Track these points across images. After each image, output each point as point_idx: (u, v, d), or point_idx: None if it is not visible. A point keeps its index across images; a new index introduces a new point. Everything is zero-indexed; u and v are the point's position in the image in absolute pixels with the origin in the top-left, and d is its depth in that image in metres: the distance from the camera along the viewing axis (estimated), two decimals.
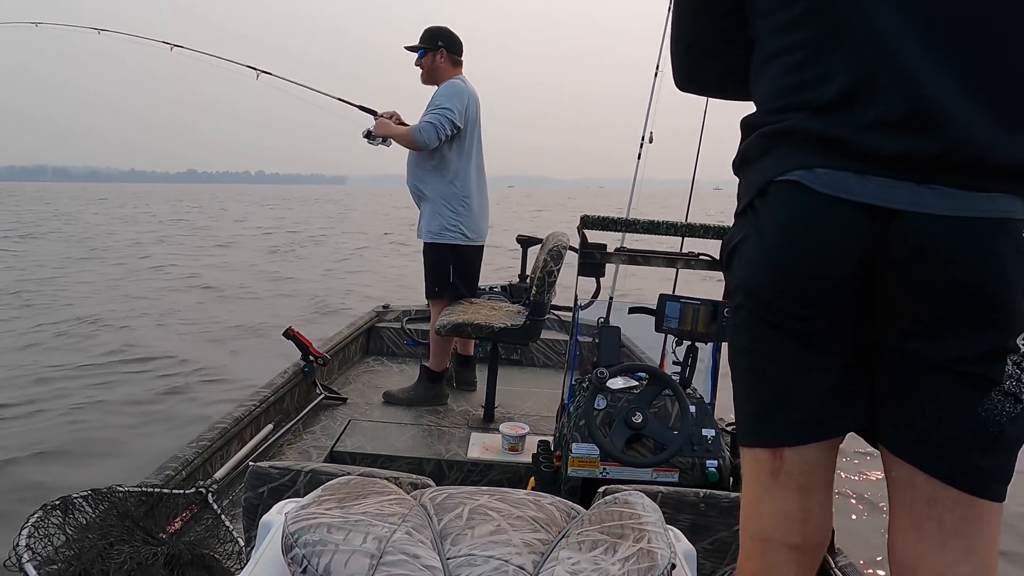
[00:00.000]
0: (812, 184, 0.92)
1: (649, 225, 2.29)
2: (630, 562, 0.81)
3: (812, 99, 0.93)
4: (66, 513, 1.70)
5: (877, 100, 0.89)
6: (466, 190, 3.26)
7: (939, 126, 0.86)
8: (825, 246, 0.93)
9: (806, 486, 1.00)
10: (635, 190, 3.82)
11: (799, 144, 0.94)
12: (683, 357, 2.24)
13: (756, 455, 1.03)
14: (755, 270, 0.98)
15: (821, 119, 0.92)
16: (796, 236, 0.94)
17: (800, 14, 0.95)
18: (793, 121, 0.94)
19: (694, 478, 1.99)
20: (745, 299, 1.00)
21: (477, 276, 3.47)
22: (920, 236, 0.88)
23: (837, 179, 0.91)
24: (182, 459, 2.23)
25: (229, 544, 1.87)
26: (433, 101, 3.21)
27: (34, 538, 1.58)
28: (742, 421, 1.05)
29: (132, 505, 1.85)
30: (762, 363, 1.01)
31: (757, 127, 0.99)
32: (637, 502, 0.96)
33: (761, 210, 0.98)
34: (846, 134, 0.90)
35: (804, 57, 0.94)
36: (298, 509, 0.87)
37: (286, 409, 3.06)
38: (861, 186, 0.90)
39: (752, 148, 1.00)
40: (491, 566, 0.81)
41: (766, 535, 1.03)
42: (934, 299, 0.89)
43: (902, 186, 0.88)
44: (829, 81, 0.91)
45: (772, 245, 0.96)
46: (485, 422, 3.11)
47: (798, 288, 0.95)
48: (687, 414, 2.01)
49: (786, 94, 0.96)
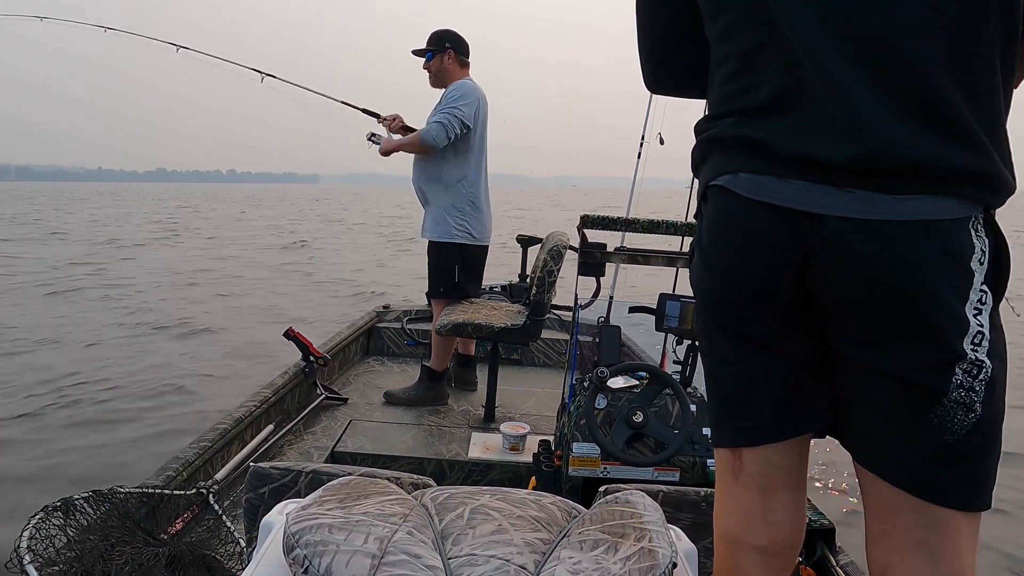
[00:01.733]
0: (736, 188, 0.94)
1: (649, 224, 2.29)
2: (631, 561, 0.81)
3: (742, 106, 0.94)
4: (67, 515, 1.71)
5: (799, 105, 0.89)
6: (474, 190, 3.27)
7: (858, 129, 0.85)
8: (752, 250, 0.94)
9: (767, 486, 1.01)
10: (634, 190, 3.82)
11: (727, 149, 0.96)
12: (683, 356, 2.24)
13: (721, 455, 1.05)
14: (701, 274, 1.01)
15: (748, 125, 0.93)
16: (726, 240, 0.96)
17: (731, 24, 0.97)
18: (723, 127, 0.96)
19: (695, 477, 1.99)
20: (699, 302, 1.03)
21: (482, 276, 3.48)
22: (840, 241, 0.87)
23: (758, 182, 0.92)
24: (183, 460, 2.23)
25: (230, 545, 1.87)
26: (443, 101, 3.21)
27: (35, 540, 1.59)
28: (710, 420, 1.09)
29: (133, 506, 1.85)
30: (718, 365, 1.03)
31: (698, 133, 1.02)
32: (638, 501, 0.96)
33: (704, 215, 1.01)
34: (768, 137, 0.91)
35: (737, 65, 0.96)
36: (299, 510, 0.87)
37: (287, 410, 3.06)
38: (781, 189, 0.90)
39: (696, 154, 1.03)
40: (492, 566, 0.81)
41: (732, 536, 1.04)
42: (864, 307, 0.88)
43: (820, 189, 0.87)
44: (758, 88, 0.92)
45: (709, 249, 0.99)
46: (486, 422, 3.11)
47: (736, 292, 0.96)
48: (688, 413, 2.01)
49: (723, 101, 0.98)
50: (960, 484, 0.88)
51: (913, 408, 0.88)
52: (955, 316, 0.84)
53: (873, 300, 0.87)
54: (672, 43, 1.14)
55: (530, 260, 4.00)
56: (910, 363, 0.86)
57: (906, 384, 0.87)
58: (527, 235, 4.59)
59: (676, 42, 1.13)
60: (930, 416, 0.87)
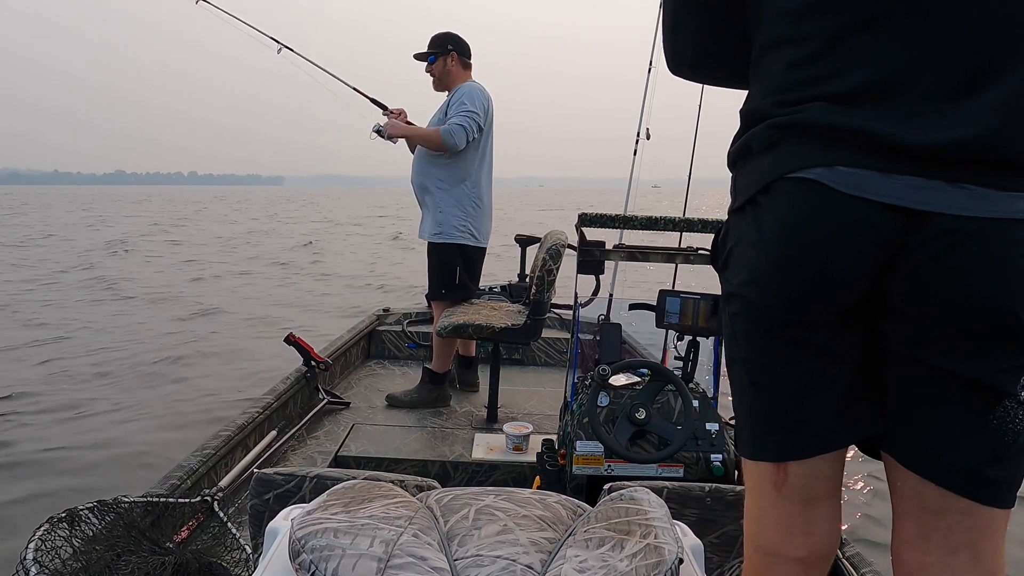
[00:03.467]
0: (832, 183, 0.85)
1: (647, 221, 2.29)
2: (638, 558, 0.81)
3: (833, 91, 0.85)
4: (72, 525, 1.70)
5: (905, 92, 0.83)
6: (478, 191, 3.27)
7: (975, 119, 0.81)
8: (843, 250, 0.86)
9: (810, 498, 0.96)
10: (631, 188, 3.82)
11: (816, 138, 0.86)
12: (685, 352, 2.24)
13: (759, 468, 0.98)
14: (758, 276, 0.91)
15: (843, 111, 0.85)
16: (809, 238, 0.87)
17: (816, 1, 0.87)
18: (809, 113, 0.86)
19: (699, 472, 1.99)
20: (744, 307, 0.93)
21: (479, 278, 3.47)
22: (949, 240, 0.82)
23: (860, 178, 0.84)
24: (187, 468, 2.23)
25: (236, 552, 1.87)
26: (456, 104, 3.18)
27: (41, 551, 1.58)
28: (743, 433, 1.00)
29: (138, 515, 1.85)
30: (764, 376, 0.94)
31: (764, 118, 0.91)
32: (643, 498, 0.96)
33: (766, 208, 0.90)
34: (872, 127, 0.83)
35: (822, 46, 0.87)
36: (304, 515, 0.87)
37: (289, 415, 3.06)
38: (887, 186, 0.83)
39: (756, 140, 0.92)
40: (499, 566, 0.81)
41: (771, 549, 0.99)
42: (950, 307, 0.84)
43: (931, 185, 0.82)
44: (852, 70, 0.84)
45: (779, 248, 0.89)
46: (488, 422, 3.11)
47: (806, 296, 0.88)
48: (690, 409, 2.01)
49: (801, 84, 0.88)
50: (1008, 483, 0.89)
51: (975, 410, 0.86)
52: None
53: (964, 301, 0.83)
54: (721, 16, 1.01)
55: (529, 260, 4.00)
56: (986, 365, 0.85)
57: (974, 385, 0.86)
58: (525, 235, 4.59)
59: (725, 15, 1.01)
60: (990, 418, 0.86)
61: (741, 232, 0.94)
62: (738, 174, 0.97)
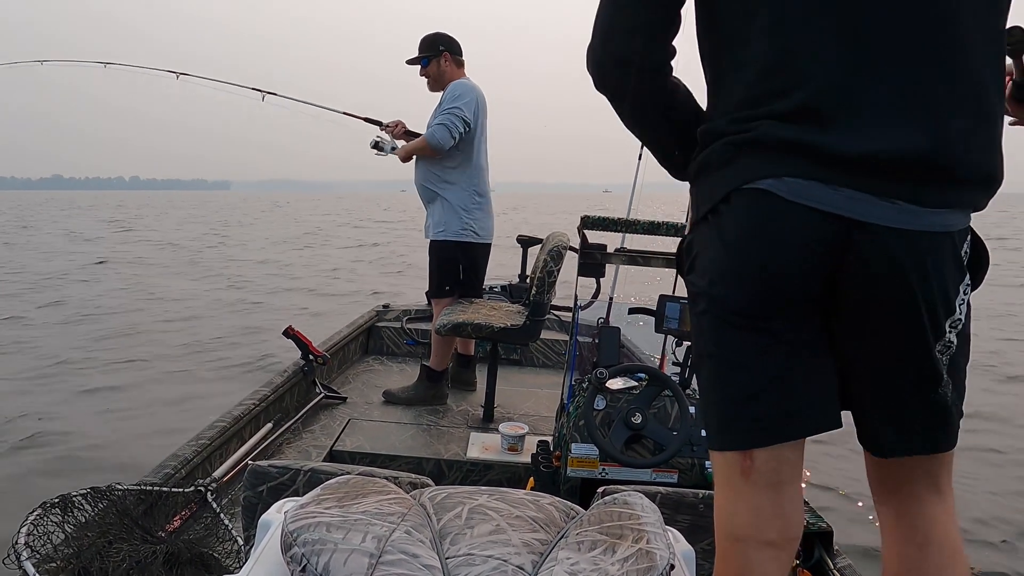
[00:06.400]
0: (780, 192, 0.94)
1: (649, 226, 2.29)
2: (629, 562, 0.81)
3: (780, 107, 0.94)
4: (65, 511, 1.70)
5: (845, 108, 0.91)
6: (476, 188, 3.28)
7: (907, 136, 0.90)
8: (791, 251, 0.95)
9: (777, 483, 1.02)
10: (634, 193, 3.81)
11: (767, 152, 0.95)
12: (683, 358, 2.24)
13: (726, 457, 1.04)
14: (721, 276, 1.00)
15: (789, 127, 0.93)
16: (762, 241, 0.96)
17: (766, 24, 0.96)
18: (761, 129, 0.95)
19: (693, 479, 1.99)
20: (709, 304, 1.02)
21: (484, 275, 3.48)
22: (878, 247, 0.93)
23: (805, 187, 0.93)
24: (181, 457, 2.23)
25: (228, 543, 1.87)
26: (442, 103, 3.21)
27: (33, 536, 1.58)
28: (711, 424, 1.07)
29: (131, 503, 1.85)
30: (729, 367, 1.02)
31: (721, 135, 1.00)
32: (636, 502, 0.97)
33: (725, 216, 0.99)
34: (814, 140, 0.92)
35: (772, 63, 0.95)
36: (297, 508, 0.87)
37: (285, 408, 3.06)
38: (828, 195, 0.92)
39: (714, 156, 1.01)
40: (490, 566, 0.81)
41: (741, 534, 1.04)
42: (889, 305, 0.95)
43: (863, 198, 0.92)
44: (797, 89, 0.93)
45: (737, 250, 0.98)
46: (485, 422, 3.11)
47: (765, 292, 0.97)
48: (686, 415, 2.01)
49: (753, 102, 0.97)
50: (955, 429, 1.05)
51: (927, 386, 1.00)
52: (950, 307, 0.97)
53: (899, 300, 0.95)
54: (664, 25, 1.04)
55: (530, 261, 4.01)
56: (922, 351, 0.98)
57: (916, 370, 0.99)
58: (527, 235, 4.60)
59: (667, 26, 1.04)
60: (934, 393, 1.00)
61: (705, 239, 1.03)
62: (699, 188, 1.05)
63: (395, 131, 3.47)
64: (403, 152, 3.33)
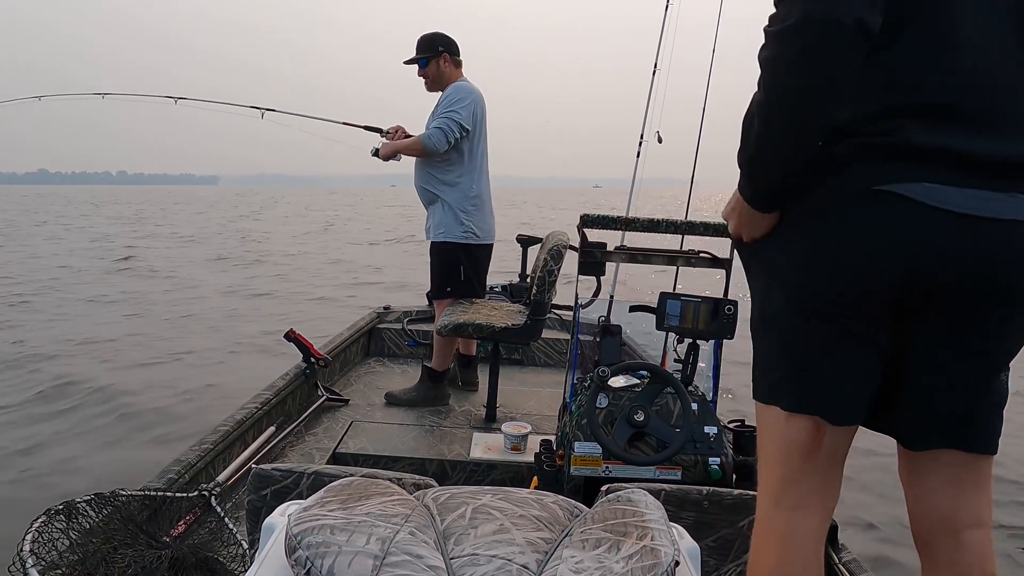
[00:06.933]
0: (917, 196, 0.98)
1: (649, 223, 2.29)
2: (634, 560, 0.81)
3: (922, 111, 0.98)
4: (69, 518, 1.70)
5: (987, 114, 0.98)
6: (475, 190, 3.28)
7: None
8: (922, 254, 0.99)
9: (835, 463, 1.13)
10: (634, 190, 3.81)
11: (905, 157, 0.99)
12: (684, 355, 2.24)
13: (795, 428, 1.11)
14: (829, 270, 1.04)
15: (932, 132, 0.97)
16: (883, 243, 1.00)
17: (894, 27, 0.98)
18: (902, 133, 0.98)
19: (697, 475, 1.99)
20: (802, 293, 1.07)
21: (486, 275, 3.48)
22: (1015, 240, 0.99)
23: (941, 192, 0.97)
24: (185, 462, 2.23)
25: (233, 547, 1.87)
26: (440, 105, 3.21)
27: (38, 543, 1.58)
28: (784, 386, 1.12)
29: (135, 509, 1.85)
30: (809, 351, 1.08)
31: (852, 134, 1.02)
32: (640, 500, 0.96)
33: (846, 215, 1.02)
34: (955, 145, 0.97)
35: (914, 67, 0.99)
36: (301, 511, 0.87)
37: (288, 411, 3.06)
38: (963, 198, 0.97)
39: (840, 153, 1.03)
40: (495, 565, 0.81)
41: (798, 504, 1.12)
42: (1001, 294, 1.02)
43: (995, 196, 0.98)
44: (942, 93, 0.98)
45: (851, 248, 1.02)
46: (487, 422, 3.11)
47: (875, 290, 1.02)
48: (689, 412, 2.01)
49: (894, 105, 0.99)
50: (997, 435, 1.12)
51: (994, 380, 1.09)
52: None
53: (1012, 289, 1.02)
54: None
55: (530, 260, 4.00)
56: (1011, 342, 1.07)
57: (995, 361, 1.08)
58: (527, 235, 4.60)
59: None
60: (998, 383, 1.09)
61: (814, 235, 1.06)
62: (821, 181, 1.05)
63: (395, 136, 3.48)
64: (388, 149, 3.33)
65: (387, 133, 3.50)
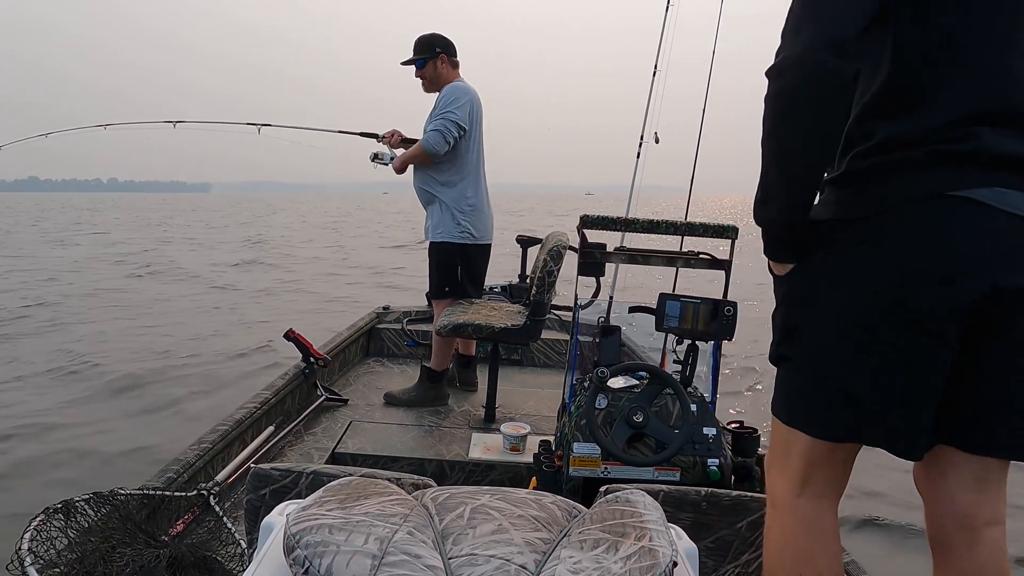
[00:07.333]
0: (990, 201, 0.99)
1: (649, 224, 2.29)
2: (632, 560, 0.81)
3: (993, 119, 1.00)
4: (68, 516, 1.70)
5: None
6: (472, 190, 3.28)
7: None
8: (995, 257, 1.00)
9: (854, 453, 1.20)
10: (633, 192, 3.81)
11: (974, 162, 1.00)
12: (684, 356, 2.24)
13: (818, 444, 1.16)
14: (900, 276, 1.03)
15: (1005, 139, 1.00)
16: (958, 247, 1.00)
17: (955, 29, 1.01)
18: (971, 142, 1.00)
19: (695, 477, 1.99)
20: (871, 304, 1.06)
21: (484, 276, 3.48)
22: None
23: (1012, 197, 1.00)
24: (183, 461, 2.23)
25: (231, 546, 1.87)
26: (437, 106, 3.22)
27: (36, 541, 1.58)
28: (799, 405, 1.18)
29: (134, 508, 1.85)
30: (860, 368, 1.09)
31: (921, 142, 1.03)
32: (639, 500, 0.96)
33: (909, 219, 1.03)
34: (1013, 150, 0.99)
35: (986, 77, 1.01)
36: (300, 510, 0.87)
37: (287, 411, 3.06)
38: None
39: (904, 159, 1.04)
40: (493, 565, 0.81)
41: (821, 492, 1.19)
42: None
43: None
44: (1011, 101, 1.00)
45: (928, 254, 1.01)
46: (486, 422, 3.11)
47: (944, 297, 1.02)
48: (688, 413, 2.01)
49: (966, 114, 1.01)
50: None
51: None
52: None
53: None
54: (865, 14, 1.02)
55: (530, 261, 4.00)
56: None
57: None
58: (527, 235, 4.60)
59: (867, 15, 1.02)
60: None
61: (879, 236, 1.06)
62: (885, 183, 1.06)
63: (392, 141, 3.48)
64: (398, 163, 3.35)
65: (383, 138, 3.51)
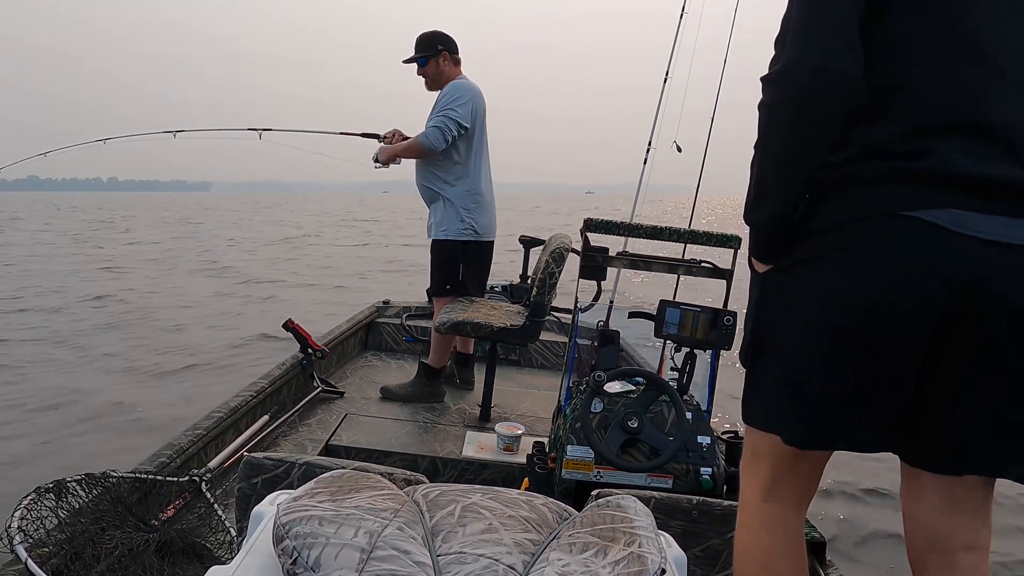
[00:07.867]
0: (941, 222, 0.97)
1: (652, 230, 2.29)
2: (620, 566, 0.81)
3: (957, 134, 0.98)
4: (59, 496, 1.70)
5: (991, 138, 0.98)
6: (475, 187, 3.28)
7: None
8: (949, 278, 0.98)
9: (822, 462, 1.21)
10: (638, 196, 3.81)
11: (932, 181, 0.98)
12: (681, 363, 2.24)
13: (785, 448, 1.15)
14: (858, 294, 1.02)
15: (963, 156, 0.97)
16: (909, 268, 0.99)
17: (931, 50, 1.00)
18: (933, 159, 0.98)
19: (688, 485, 1.99)
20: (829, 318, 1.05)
21: (487, 274, 3.48)
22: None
23: (963, 218, 0.97)
24: (177, 447, 2.23)
25: (221, 533, 1.87)
26: (438, 103, 3.22)
27: (26, 520, 1.59)
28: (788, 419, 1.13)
29: (125, 491, 1.85)
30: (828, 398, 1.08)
31: (879, 154, 1.01)
32: (630, 506, 0.96)
33: (864, 237, 1.01)
34: (983, 171, 0.97)
35: (926, 93, 1.00)
36: (290, 501, 0.87)
37: (283, 401, 3.06)
38: (986, 224, 0.97)
39: (862, 172, 1.02)
40: (481, 564, 0.81)
41: (785, 498, 1.21)
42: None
43: (1016, 223, 0.98)
44: (974, 118, 0.98)
45: (881, 272, 1.00)
46: (481, 421, 3.11)
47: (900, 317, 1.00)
48: (683, 420, 2.01)
49: (925, 127, 1.00)
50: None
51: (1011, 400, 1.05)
52: None
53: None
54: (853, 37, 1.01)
55: (532, 261, 4.00)
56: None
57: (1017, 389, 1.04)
58: (529, 236, 4.60)
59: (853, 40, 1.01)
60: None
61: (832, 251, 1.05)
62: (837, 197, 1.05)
63: (393, 141, 3.48)
64: (386, 155, 3.33)
65: (384, 138, 3.50)
